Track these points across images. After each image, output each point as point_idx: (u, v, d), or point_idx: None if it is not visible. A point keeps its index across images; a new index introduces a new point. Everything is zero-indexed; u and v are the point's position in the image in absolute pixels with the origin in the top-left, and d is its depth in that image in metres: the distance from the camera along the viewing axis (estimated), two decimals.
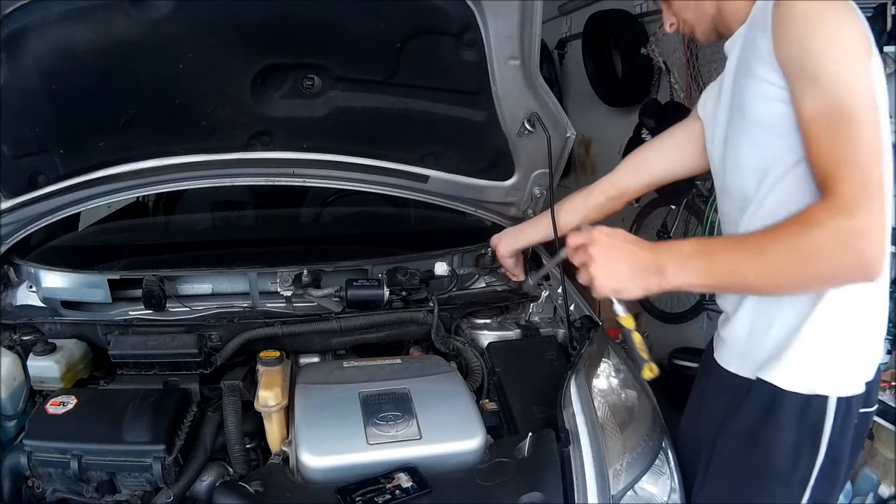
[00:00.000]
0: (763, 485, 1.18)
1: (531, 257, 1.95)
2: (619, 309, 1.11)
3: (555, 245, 1.61)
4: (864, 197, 0.92)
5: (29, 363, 1.47)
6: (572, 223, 1.58)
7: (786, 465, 1.15)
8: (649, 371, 1.13)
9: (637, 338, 1.13)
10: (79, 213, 1.93)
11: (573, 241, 1.11)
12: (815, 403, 1.12)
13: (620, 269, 1.06)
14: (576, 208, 1.59)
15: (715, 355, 1.31)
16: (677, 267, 1.03)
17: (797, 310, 1.12)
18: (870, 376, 1.15)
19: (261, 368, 1.40)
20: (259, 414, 1.34)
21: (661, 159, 1.46)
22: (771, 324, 1.16)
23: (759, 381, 1.17)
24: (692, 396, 1.42)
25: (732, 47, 1.18)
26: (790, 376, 1.13)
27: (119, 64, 1.42)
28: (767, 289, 1.08)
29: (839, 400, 1.11)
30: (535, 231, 1.68)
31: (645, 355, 1.12)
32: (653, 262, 1.04)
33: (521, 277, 1.85)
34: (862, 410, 1.15)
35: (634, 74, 3.66)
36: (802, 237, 0.95)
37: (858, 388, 1.13)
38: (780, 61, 1.01)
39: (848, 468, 1.20)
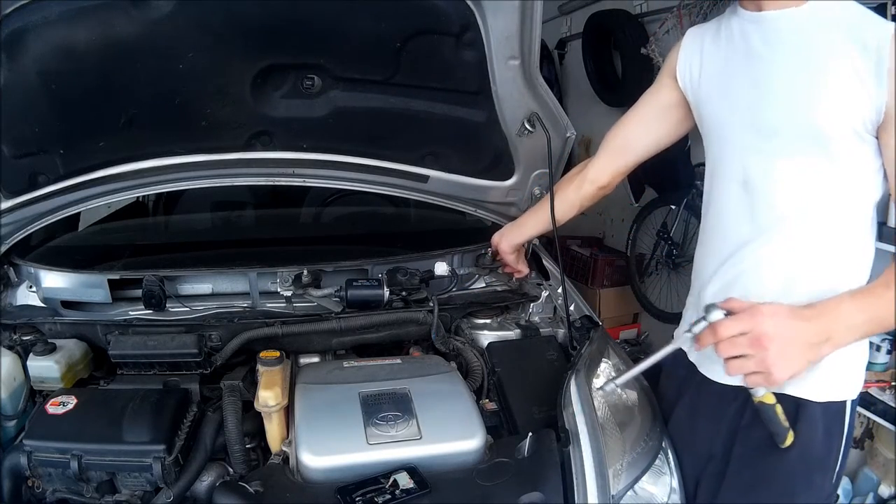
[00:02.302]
0: (804, 476, 1.20)
1: (532, 256, 1.95)
2: (762, 389, 1.07)
3: (554, 241, 1.62)
4: None
5: (29, 363, 1.47)
6: (569, 214, 1.61)
7: (821, 452, 1.19)
8: (790, 438, 1.14)
9: (779, 409, 1.11)
10: (79, 213, 1.92)
11: (727, 331, 1.01)
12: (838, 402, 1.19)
13: (795, 353, 1.00)
14: (569, 199, 1.58)
15: (705, 372, 1.31)
16: (845, 333, 1.03)
17: None
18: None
19: (261, 368, 1.40)
20: (259, 414, 1.34)
21: (644, 137, 1.43)
22: None
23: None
24: (677, 415, 1.41)
25: (778, 26, 1.11)
26: (813, 389, 1.17)
27: (119, 64, 1.41)
28: None
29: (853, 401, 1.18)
30: (536, 223, 1.67)
31: (786, 424, 1.12)
32: (819, 334, 1.01)
33: (526, 271, 1.85)
34: None
35: (634, 74, 3.66)
36: None
37: (861, 388, 1.20)
38: (889, 104, 1.01)
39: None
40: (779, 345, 0.98)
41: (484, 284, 1.96)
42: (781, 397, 1.14)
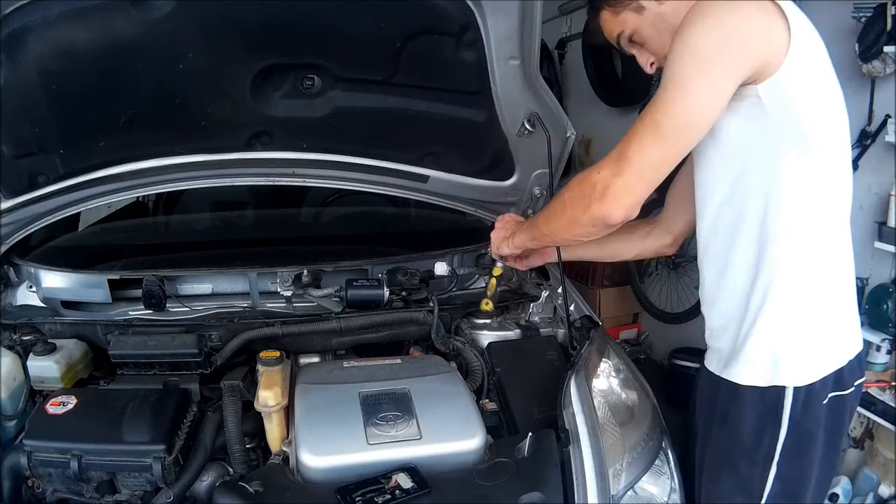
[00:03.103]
0: (730, 460, 1.25)
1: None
2: (499, 261, 1.65)
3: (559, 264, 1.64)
4: (618, 163, 1.09)
5: (29, 363, 1.47)
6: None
7: (749, 441, 1.22)
8: (485, 305, 1.69)
9: (493, 282, 1.68)
10: (79, 213, 1.92)
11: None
12: (773, 390, 1.19)
13: (499, 235, 1.57)
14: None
15: (704, 358, 1.37)
16: (517, 234, 1.49)
17: (750, 311, 1.19)
18: (833, 366, 1.20)
19: (261, 368, 1.40)
20: (259, 414, 1.34)
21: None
22: (727, 324, 1.24)
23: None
24: (691, 400, 1.44)
25: None
26: (746, 374, 1.21)
27: (119, 64, 1.41)
28: (557, 238, 1.37)
29: (796, 388, 1.17)
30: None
31: (489, 293, 1.68)
32: (511, 232, 1.52)
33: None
34: (834, 394, 1.19)
35: (634, 74, 3.65)
36: (568, 188, 1.22)
37: (815, 377, 1.18)
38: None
39: (827, 455, 1.24)
40: (496, 227, 1.60)
41: (484, 284, 1.95)
42: (720, 381, 1.25)
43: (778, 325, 1.18)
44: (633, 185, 1.09)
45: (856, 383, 1.24)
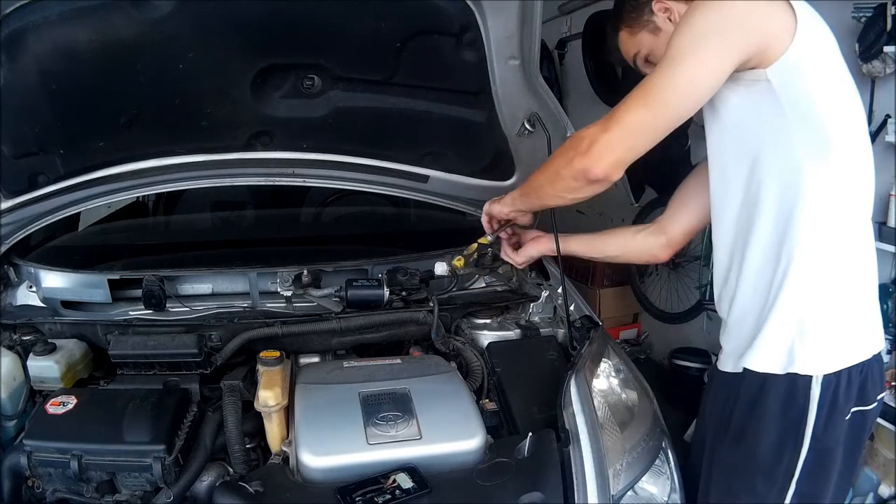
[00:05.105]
0: (747, 479, 1.21)
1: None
2: (489, 235, 1.62)
3: (555, 240, 1.61)
4: (607, 122, 1.15)
5: (29, 363, 1.47)
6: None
7: (769, 458, 1.18)
8: (456, 261, 1.64)
9: (473, 246, 1.64)
10: (79, 213, 1.93)
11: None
12: (799, 383, 1.14)
13: (492, 200, 1.55)
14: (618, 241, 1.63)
15: (717, 362, 1.34)
16: (509, 193, 1.48)
17: (766, 298, 1.17)
18: (851, 359, 1.15)
19: (261, 368, 1.40)
20: (259, 414, 1.34)
21: (700, 194, 1.40)
22: (745, 315, 1.22)
23: (744, 371, 1.21)
24: (701, 406, 1.42)
25: None
26: (764, 358, 1.17)
27: (119, 64, 1.42)
28: (542, 193, 1.32)
29: (823, 384, 1.12)
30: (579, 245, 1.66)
31: (465, 252, 1.64)
32: (504, 197, 1.50)
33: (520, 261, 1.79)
34: (856, 409, 1.16)
35: (634, 74, 3.65)
36: (562, 147, 1.24)
37: (838, 366, 1.14)
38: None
39: (845, 471, 1.20)
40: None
41: (484, 284, 1.96)
42: (743, 375, 1.21)
43: (796, 306, 1.14)
44: (616, 143, 1.13)
45: (878, 398, 1.20)
